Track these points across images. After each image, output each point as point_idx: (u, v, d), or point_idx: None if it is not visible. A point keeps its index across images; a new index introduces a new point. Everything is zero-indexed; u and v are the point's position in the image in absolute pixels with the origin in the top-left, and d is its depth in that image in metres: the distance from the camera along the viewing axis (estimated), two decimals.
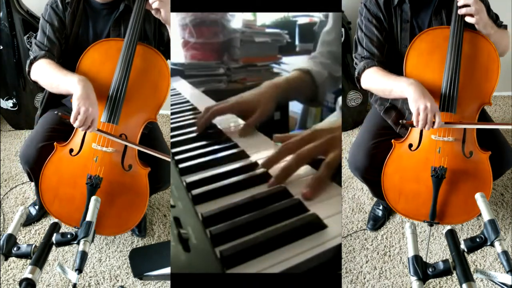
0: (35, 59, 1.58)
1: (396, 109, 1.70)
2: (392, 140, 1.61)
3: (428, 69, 1.56)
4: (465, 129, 1.53)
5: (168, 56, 1.73)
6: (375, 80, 1.59)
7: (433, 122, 1.43)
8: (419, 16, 1.62)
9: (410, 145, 1.58)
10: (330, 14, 1.86)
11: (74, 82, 1.46)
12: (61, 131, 1.62)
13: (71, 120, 1.44)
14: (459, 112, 1.52)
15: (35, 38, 1.66)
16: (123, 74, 1.54)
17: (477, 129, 1.54)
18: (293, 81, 1.71)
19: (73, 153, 1.59)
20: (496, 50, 1.54)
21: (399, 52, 1.64)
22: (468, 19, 1.50)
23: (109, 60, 1.57)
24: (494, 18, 1.62)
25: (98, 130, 1.52)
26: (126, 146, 1.58)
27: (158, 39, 1.72)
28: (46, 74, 1.56)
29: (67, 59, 1.65)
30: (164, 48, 1.73)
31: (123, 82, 1.54)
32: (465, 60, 1.52)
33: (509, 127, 1.49)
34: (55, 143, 1.59)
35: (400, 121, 1.60)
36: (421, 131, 1.56)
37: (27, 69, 1.61)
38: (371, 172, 1.65)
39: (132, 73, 1.56)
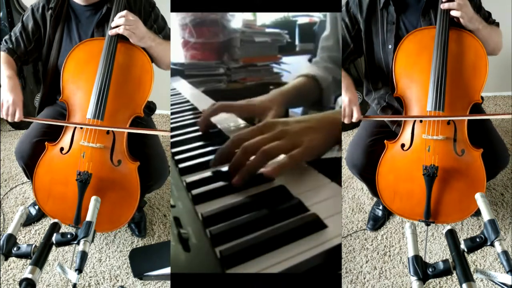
0: None
1: (393, 108, 1.71)
2: (385, 141, 1.62)
3: (416, 69, 1.57)
4: (455, 127, 1.53)
5: None
6: None
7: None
8: (407, 17, 1.64)
9: (403, 145, 1.59)
10: (328, 19, 1.87)
11: (4, 75, 1.58)
12: (56, 128, 1.64)
13: None
14: (448, 110, 1.52)
15: (9, 34, 1.74)
16: (105, 71, 1.57)
17: (470, 127, 1.55)
18: (300, 88, 1.74)
19: (63, 152, 1.60)
20: (483, 47, 1.54)
21: (385, 52, 1.67)
22: (453, 12, 1.51)
23: (94, 59, 1.60)
24: (486, 16, 1.63)
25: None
26: (114, 141, 1.60)
27: None
28: None
29: (54, 62, 1.70)
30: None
31: (106, 78, 1.57)
32: (452, 59, 1.53)
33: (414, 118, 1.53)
34: (46, 143, 1.61)
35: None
36: (413, 131, 1.57)
37: None
38: (369, 170, 1.66)
39: (115, 69, 1.59)
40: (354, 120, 1.51)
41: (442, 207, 1.56)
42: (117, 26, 1.57)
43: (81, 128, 1.59)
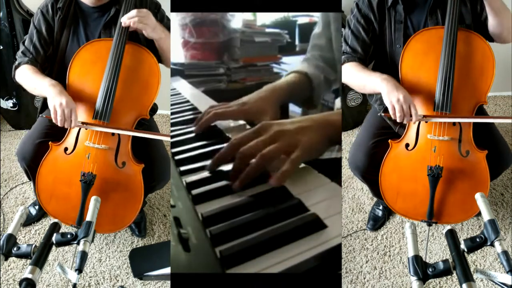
0: (19, 65, 1.66)
1: None
2: (389, 140, 1.61)
3: (423, 69, 1.56)
4: (461, 128, 1.53)
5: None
6: (352, 74, 1.62)
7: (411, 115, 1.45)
8: (414, 16, 1.63)
9: (407, 145, 1.59)
10: (320, 18, 1.86)
11: (46, 85, 1.53)
12: (59, 129, 1.63)
13: (53, 120, 1.49)
14: (454, 111, 1.52)
15: (23, 43, 1.71)
16: (112, 73, 1.56)
17: (474, 128, 1.55)
18: (293, 84, 1.71)
19: (67, 152, 1.60)
20: (491, 49, 1.54)
21: (393, 52, 1.66)
22: None
23: (100, 60, 1.60)
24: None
25: (85, 123, 1.55)
26: (119, 143, 1.59)
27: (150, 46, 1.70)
28: (26, 79, 1.63)
29: (60, 63, 1.69)
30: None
31: (113, 80, 1.56)
32: (460, 59, 1.52)
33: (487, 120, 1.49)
34: (50, 143, 1.61)
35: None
36: (418, 131, 1.57)
37: (12, 73, 1.69)
38: (371, 172, 1.66)
39: (122, 71, 1.58)
40: (413, 120, 1.46)
41: (445, 207, 1.56)
42: (130, 18, 1.55)
43: (86, 128, 1.58)
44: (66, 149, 1.60)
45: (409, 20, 1.63)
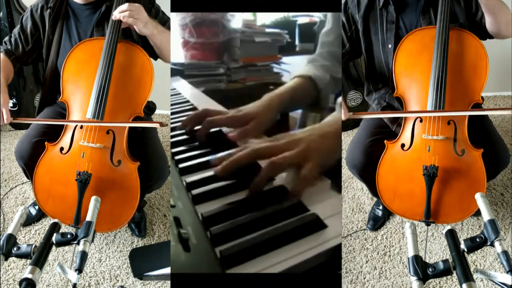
0: None
1: (393, 108, 1.71)
2: (385, 141, 1.62)
3: (417, 69, 1.57)
4: (455, 127, 1.53)
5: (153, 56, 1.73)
6: None
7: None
8: (407, 16, 1.64)
9: (403, 145, 1.59)
10: (329, 15, 1.86)
11: None
12: (56, 128, 1.64)
13: None
14: (448, 110, 1.51)
15: (11, 33, 1.75)
16: (105, 71, 1.57)
17: (470, 127, 1.54)
18: (295, 90, 1.68)
19: (63, 152, 1.60)
20: (484, 47, 1.54)
21: (385, 52, 1.67)
22: None
23: (94, 59, 1.60)
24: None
25: (17, 118, 1.61)
26: (114, 141, 1.60)
27: (145, 41, 1.70)
28: None
29: (54, 62, 1.71)
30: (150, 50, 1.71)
31: (105, 78, 1.57)
32: (452, 58, 1.53)
33: (425, 114, 1.50)
34: (46, 143, 1.62)
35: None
36: (413, 131, 1.57)
37: None
38: (368, 170, 1.66)
39: (115, 69, 1.59)
40: (344, 118, 1.51)
41: (442, 207, 1.56)
42: (121, 12, 1.55)
43: (81, 127, 1.59)
44: (62, 149, 1.61)
45: (401, 20, 1.64)
